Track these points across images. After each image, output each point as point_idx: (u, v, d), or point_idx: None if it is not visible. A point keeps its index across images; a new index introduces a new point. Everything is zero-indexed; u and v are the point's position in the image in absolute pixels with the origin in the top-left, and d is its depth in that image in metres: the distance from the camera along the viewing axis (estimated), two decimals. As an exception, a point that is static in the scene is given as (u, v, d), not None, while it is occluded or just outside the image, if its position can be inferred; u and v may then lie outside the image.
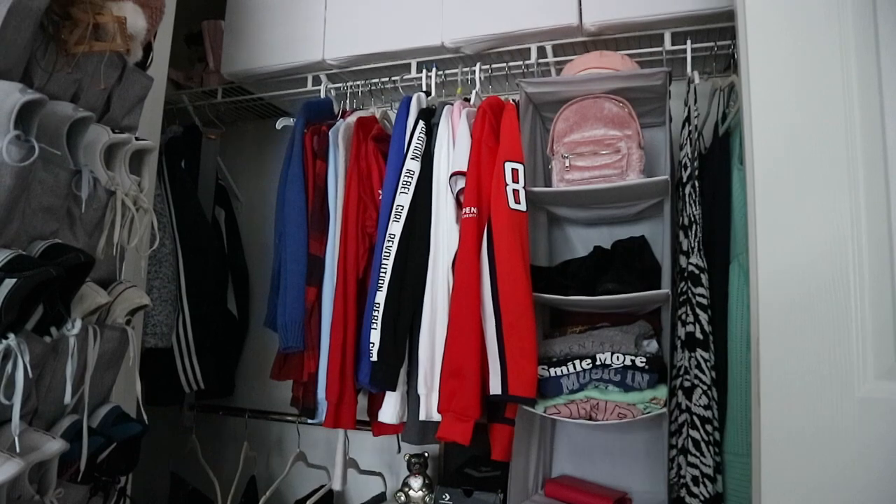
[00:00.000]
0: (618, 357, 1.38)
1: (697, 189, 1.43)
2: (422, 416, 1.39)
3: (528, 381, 1.32)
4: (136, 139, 1.27)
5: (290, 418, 1.88)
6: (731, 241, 1.39)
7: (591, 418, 1.39)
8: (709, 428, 1.31)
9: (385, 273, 1.44)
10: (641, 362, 1.37)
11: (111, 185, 1.17)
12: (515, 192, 1.42)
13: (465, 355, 1.35)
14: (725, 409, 1.32)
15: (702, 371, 1.33)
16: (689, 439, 1.33)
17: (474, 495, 1.48)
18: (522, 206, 1.41)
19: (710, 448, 1.30)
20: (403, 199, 1.49)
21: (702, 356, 1.34)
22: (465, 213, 1.42)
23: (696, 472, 1.31)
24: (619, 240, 1.64)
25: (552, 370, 1.42)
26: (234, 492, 1.88)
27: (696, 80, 1.50)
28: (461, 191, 1.48)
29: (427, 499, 1.73)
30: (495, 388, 1.33)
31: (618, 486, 1.63)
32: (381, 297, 1.43)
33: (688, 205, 1.43)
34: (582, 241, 1.77)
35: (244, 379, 2.15)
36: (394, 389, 1.42)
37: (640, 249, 1.62)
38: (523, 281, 1.36)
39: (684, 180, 1.45)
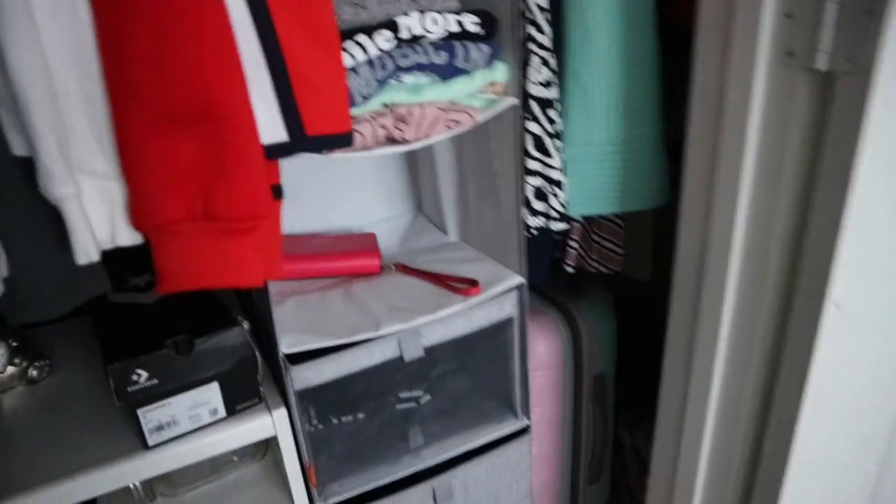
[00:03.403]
0: (433, 20, 0.74)
1: None
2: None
3: (338, 102, 0.59)
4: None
5: None
6: None
7: (394, 141, 0.77)
8: (552, 114, 0.87)
9: None
10: (473, 23, 0.76)
11: None
12: None
13: (205, 75, 0.50)
14: (566, 85, 0.89)
15: (536, 27, 0.83)
16: (526, 135, 0.87)
17: (196, 349, 0.75)
18: None
19: (554, 142, 0.89)
20: None
21: (536, 2, 0.82)
22: None
23: (538, 182, 0.89)
24: None
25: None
26: None
27: None
28: None
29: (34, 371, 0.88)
30: (275, 130, 0.55)
31: (357, 226, 1.11)
32: None
33: None
34: None
35: None
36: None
37: None
38: None
39: None
